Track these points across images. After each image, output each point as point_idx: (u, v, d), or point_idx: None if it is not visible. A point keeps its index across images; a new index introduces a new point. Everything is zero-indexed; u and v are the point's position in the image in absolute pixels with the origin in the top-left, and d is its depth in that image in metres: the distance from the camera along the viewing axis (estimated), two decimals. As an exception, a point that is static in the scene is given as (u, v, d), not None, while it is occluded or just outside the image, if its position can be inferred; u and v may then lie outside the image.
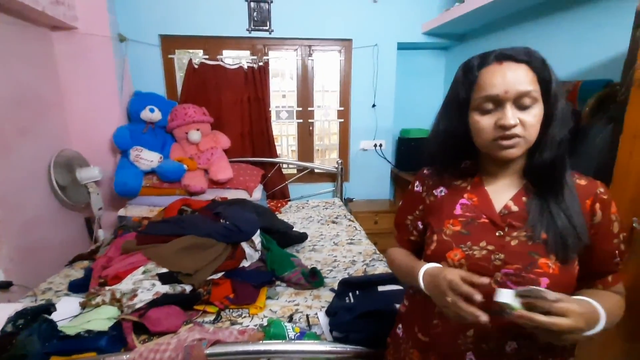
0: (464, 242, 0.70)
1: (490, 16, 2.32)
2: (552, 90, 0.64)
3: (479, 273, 0.64)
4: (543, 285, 0.63)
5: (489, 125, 0.65)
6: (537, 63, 0.64)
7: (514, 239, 0.68)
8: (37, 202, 2.01)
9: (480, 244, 0.69)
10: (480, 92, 0.66)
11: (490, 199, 0.72)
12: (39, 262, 1.95)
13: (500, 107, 0.64)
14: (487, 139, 0.66)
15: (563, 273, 0.65)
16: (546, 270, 0.64)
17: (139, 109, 2.44)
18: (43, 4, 1.90)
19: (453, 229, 0.73)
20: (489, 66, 0.66)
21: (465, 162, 0.79)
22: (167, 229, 1.56)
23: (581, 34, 1.76)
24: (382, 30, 2.73)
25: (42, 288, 1.56)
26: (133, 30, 2.50)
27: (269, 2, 2.59)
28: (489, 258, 0.67)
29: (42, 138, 2.07)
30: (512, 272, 0.66)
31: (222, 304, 1.37)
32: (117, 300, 1.16)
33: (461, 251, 0.69)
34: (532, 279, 0.64)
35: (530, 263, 0.65)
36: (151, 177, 2.41)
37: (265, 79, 2.70)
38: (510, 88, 0.62)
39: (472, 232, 0.71)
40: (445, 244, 0.72)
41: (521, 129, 0.63)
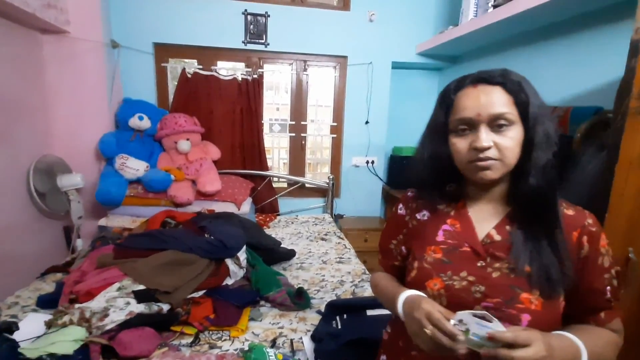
0: (445, 272, 0.67)
1: (483, 40, 2.36)
2: (530, 112, 0.61)
3: (459, 305, 0.62)
4: (524, 322, 0.60)
5: (464, 148, 0.65)
6: (512, 85, 0.62)
7: (495, 270, 0.65)
8: (12, 209, 1.91)
9: (461, 274, 0.66)
10: (456, 114, 0.66)
11: (473, 226, 0.70)
12: (9, 273, 1.83)
13: (475, 129, 0.63)
14: (463, 161, 0.65)
15: (546, 309, 0.61)
16: (528, 305, 0.61)
17: (128, 116, 2.38)
18: (34, 6, 1.86)
19: (434, 256, 0.70)
20: (464, 89, 0.66)
21: (450, 185, 0.76)
22: (147, 243, 1.48)
23: (573, 61, 1.79)
24: (377, 49, 2.76)
25: (8, 302, 1.46)
26: (127, 37, 2.47)
27: (266, 16, 2.60)
28: (469, 289, 0.64)
29: (21, 142, 1.99)
30: (492, 306, 0.62)
31: (202, 325, 1.29)
32: (86, 320, 1.08)
33: (441, 281, 0.66)
34: (513, 314, 0.61)
35: (511, 297, 0.62)
36: (136, 186, 2.33)
37: (259, 91, 2.67)
38: (482, 111, 0.62)
39: (454, 261, 0.68)
40: (425, 272, 0.69)
41: (495, 151, 0.61)
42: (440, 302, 0.65)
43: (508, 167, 0.63)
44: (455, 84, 0.68)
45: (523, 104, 0.62)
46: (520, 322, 0.60)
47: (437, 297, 0.66)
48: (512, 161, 0.63)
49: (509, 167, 0.63)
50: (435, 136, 0.71)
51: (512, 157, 0.62)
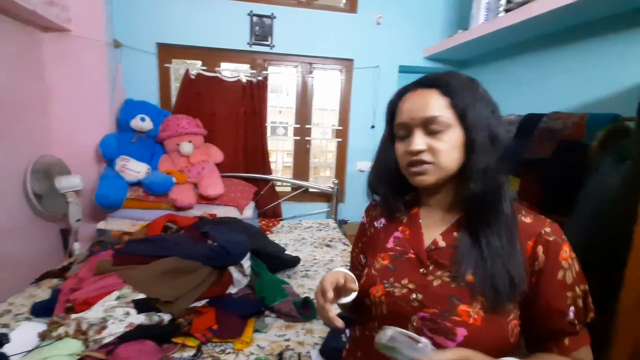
0: (387, 278, 0.65)
1: (493, 44, 2.32)
2: (469, 115, 0.59)
3: (398, 313, 0.61)
4: (459, 337, 0.55)
5: (402, 151, 0.64)
6: (448, 88, 0.60)
7: (437, 278, 0.61)
8: (7, 211, 1.84)
9: (402, 282, 0.63)
10: (396, 119, 0.66)
11: (421, 232, 0.67)
12: (2, 279, 1.76)
13: (411, 133, 0.62)
14: (403, 165, 0.65)
15: (487, 325, 0.56)
16: (465, 319, 0.56)
17: (129, 117, 2.32)
18: (34, 3, 1.81)
19: (382, 263, 0.68)
20: (407, 94, 0.65)
21: (411, 194, 0.74)
22: (148, 249, 1.42)
23: (588, 67, 1.75)
24: (384, 52, 2.72)
25: (0, 310, 1.38)
26: (130, 36, 2.42)
27: (272, 18, 2.56)
28: (408, 298, 0.61)
29: (19, 143, 1.93)
30: (428, 317, 0.58)
31: (204, 337, 1.23)
32: (83, 332, 1.01)
33: (383, 287, 0.64)
34: (448, 327, 0.56)
35: (449, 309, 0.57)
36: (137, 188, 2.27)
37: (263, 94, 2.63)
38: (415, 114, 0.61)
39: (398, 268, 0.66)
40: (371, 278, 0.67)
41: (429, 155, 0.60)
42: (381, 310, 0.63)
43: (445, 171, 0.61)
44: (400, 90, 0.68)
45: (460, 107, 0.59)
46: (455, 336, 0.55)
47: (379, 304, 0.64)
48: (449, 165, 0.60)
49: (446, 171, 0.61)
50: (385, 143, 0.71)
51: (448, 161, 0.60)
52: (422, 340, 0.52)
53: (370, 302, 0.65)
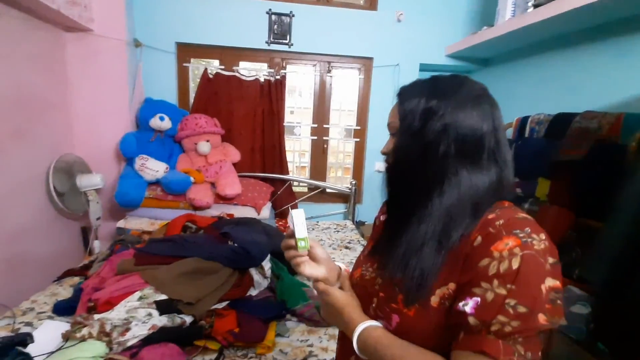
0: (366, 263, 0.70)
1: (519, 42, 2.24)
2: (402, 122, 0.61)
3: (365, 295, 0.65)
4: (394, 324, 0.58)
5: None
6: (399, 98, 0.63)
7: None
8: (30, 208, 1.86)
9: (373, 267, 0.67)
10: None
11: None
12: (25, 276, 1.78)
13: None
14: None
15: (419, 318, 0.54)
16: (400, 307, 0.57)
17: (149, 116, 2.33)
18: (58, 3, 1.82)
19: (367, 249, 0.74)
20: None
21: None
22: (169, 249, 1.40)
23: (623, 64, 1.66)
24: (404, 50, 2.66)
25: (23, 308, 1.39)
26: (149, 36, 2.43)
27: (291, 16, 2.53)
28: (373, 281, 0.65)
29: (41, 141, 1.95)
30: (378, 301, 0.62)
31: (226, 340, 1.20)
32: (107, 334, 0.99)
33: (360, 271, 0.69)
34: (387, 312, 0.59)
35: (391, 296, 0.59)
36: (155, 188, 2.27)
37: (281, 93, 2.60)
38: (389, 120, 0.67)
39: (375, 254, 0.70)
40: (357, 263, 0.73)
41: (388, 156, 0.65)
42: (358, 292, 0.67)
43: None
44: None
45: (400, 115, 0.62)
46: (392, 322, 0.57)
47: (356, 286, 0.68)
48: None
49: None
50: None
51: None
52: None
53: (352, 284, 0.69)
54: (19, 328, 1.24)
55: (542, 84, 2.17)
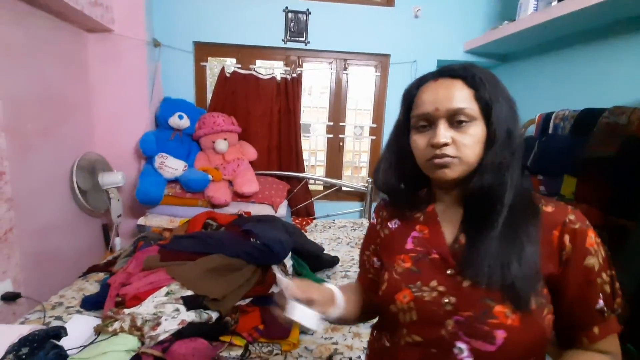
0: (414, 282, 0.61)
1: (542, 37, 2.18)
2: (493, 109, 0.56)
3: (429, 319, 0.57)
4: (499, 340, 0.52)
5: (422, 144, 0.60)
6: (474, 79, 0.57)
7: (466, 279, 0.57)
8: (55, 206, 1.90)
9: (431, 284, 0.59)
10: (415, 110, 0.62)
11: (442, 231, 0.63)
12: (52, 272, 1.82)
13: (434, 125, 0.59)
14: (422, 159, 0.61)
15: (526, 325, 0.53)
16: (503, 320, 0.53)
17: (168, 115, 2.36)
18: (82, 3, 1.86)
19: (403, 265, 0.64)
20: (426, 84, 0.62)
21: (422, 190, 0.71)
22: (194, 246, 1.41)
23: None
24: (421, 47, 2.62)
25: (53, 302, 1.42)
26: (167, 35, 2.45)
27: (307, 13, 2.52)
28: (439, 302, 0.57)
29: (66, 140, 1.99)
30: (463, 321, 0.55)
31: (251, 336, 1.20)
32: (138, 328, 1.01)
33: (410, 292, 0.60)
34: (486, 331, 0.53)
35: (484, 311, 0.54)
36: (174, 185, 2.30)
37: (297, 91, 2.60)
38: (440, 105, 0.57)
39: (423, 270, 0.61)
40: (394, 283, 0.63)
41: (453, 148, 0.57)
42: (410, 317, 0.59)
43: (468, 165, 0.58)
44: (418, 79, 0.65)
45: (484, 99, 0.57)
46: (495, 339, 0.52)
47: (407, 310, 0.59)
48: (472, 160, 0.57)
49: (469, 166, 0.58)
50: (399, 136, 0.67)
51: (472, 156, 0.57)
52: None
53: (396, 309, 0.60)
54: (49, 322, 1.27)
55: (564, 79, 2.12)
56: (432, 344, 0.57)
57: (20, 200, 1.61)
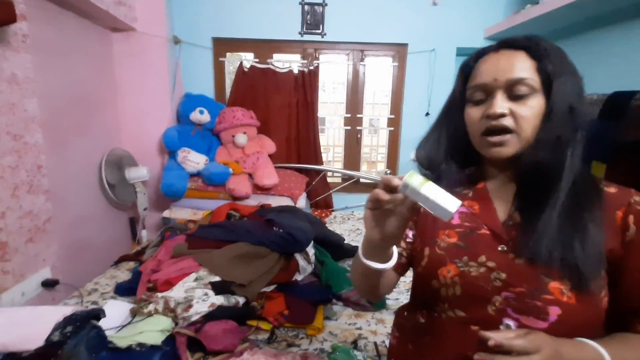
0: (460, 257, 0.59)
1: (569, 18, 2.11)
2: (555, 82, 0.53)
3: (475, 295, 0.55)
4: (552, 317, 0.51)
5: (477, 116, 0.58)
6: (538, 50, 0.55)
7: (519, 256, 0.55)
8: (86, 199, 1.99)
9: (479, 260, 0.57)
10: (472, 81, 0.60)
11: (494, 207, 0.61)
12: (85, 261, 1.91)
13: (491, 96, 0.56)
14: (476, 132, 0.59)
15: (582, 304, 0.51)
16: (559, 297, 0.51)
17: (189, 110, 2.41)
18: (107, 3, 1.92)
19: (448, 240, 0.62)
20: (486, 56, 0.60)
21: (470, 168, 0.68)
22: (220, 234, 1.45)
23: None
24: (440, 35, 2.58)
25: (89, 289, 1.50)
26: (187, 32, 2.51)
27: (324, 5, 2.52)
28: (487, 277, 0.56)
29: (95, 136, 2.08)
30: (513, 297, 0.53)
31: (277, 321, 1.24)
32: (172, 310, 1.05)
33: (455, 267, 0.58)
34: (539, 307, 0.51)
35: (538, 287, 0.52)
36: (196, 179, 2.36)
37: (315, 84, 2.61)
38: (500, 75, 0.55)
39: (470, 245, 0.59)
40: (438, 258, 0.61)
41: (512, 120, 0.54)
42: (454, 292, 0.57)
43: (525, 141, 0.55)
44: (477, 52, 0.62)
45: (547, 71, 0.54)
46: (548, 316, 0.51)
47: (451, 285, 0.57)
48: (530, 134, 0.55)
49: (526, 142, 0.55)
50: (452, 110, 0.64)
51: (530, 130, 0.54)
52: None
53: (439, 284, 0.59)
54: (87, 306, 1.34)
55: (592, 63, 2.04)
56: (475, 321, 0.55)
57: (57, 193, 1.69)
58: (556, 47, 0.57)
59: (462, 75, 0.64)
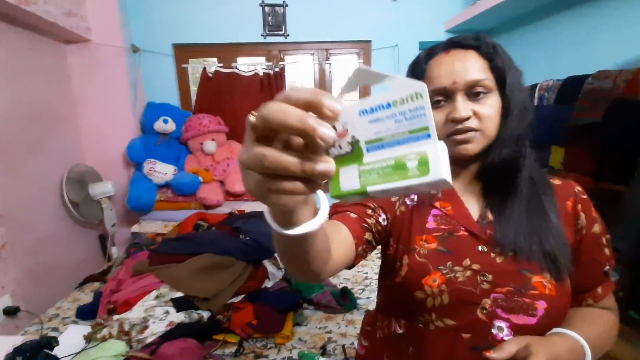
0: (444, 263, 0.56)
1: (522, 7, 2.15)
2: (508, 78, 0.55)
3: (464, 300, 0.54)
4: (540, 311, 0.52)
5: (440, 121, 0.57)
6: (487, 49, 0.56)
7: (499, 254, 0.56)
8: (48, 220, 1.91)
9: (464, 263, 0.56)
10: (429, 85, 0.58)
11: (465, 207, 0.60)
12: (50, 285, 1.83)
13: (451, 99, 0.56)
14: (441, 135, 0.57)
15: (560, 293, 0.54)
16: (542, 290, 0.53)
17: (153, 120, 2.35)
18: (55, 15, 1.84)
19: (428, 246, 0.58)
20: (436, 57, 0.59)
21: None
22: (182, 247, 1.41)
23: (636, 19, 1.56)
24: (402, 30, 2.59)
25: (50, 314, 1.44)
26: (146, 40, 2.44)
27: (284, 6, 2.49)
28: (474, 280, 0.54)
29: (54, 153, 1.99)
30: (502, 297, 0.53)
31: (244, 332, 1.21)
32: (126, 333, 1.01)
33: (441, 274, 0.56)
34: (527, 303, 0.52)
35: (524, 284, 0.53)
36: (165, 190, 2.30)
37: (282, 85, 2.58)
38: (458, 78, 0.55)
39: (453, 249, 0.57)
40: (420, 267, 0.57)
41: (476, 121, 0.55)
42: (442, 301, 0.55)
43: (489, 138, 0.56)
44: (426, 52, 0.62)
45: (499, 69, 0.56)
46: (536, 311, 0.52)
47: (438, 294, 0.55)
48: (493, 132, 0.56)
49: (489, 139, 0.56)
50: None
51: (493, 128, 0.56)
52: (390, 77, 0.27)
53: (424, 295, 0.55)
54: (46, 333, 1.28)
55: (547, 49, 2.09)
56: (466, 328, 0.54)
57: (12, 216, 1.61)
58: (498, 45, 0.58)
59: (413, 76, 0.61)
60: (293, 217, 0.33)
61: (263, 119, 0.24)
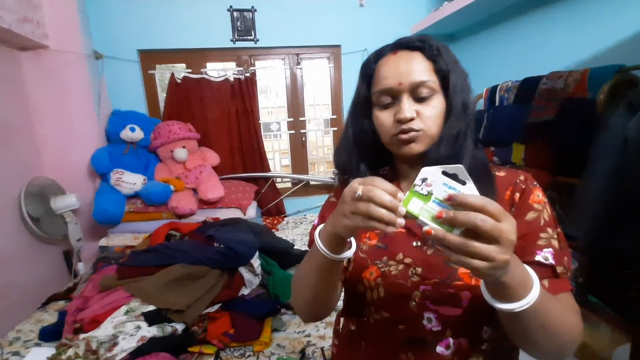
0: (380, 258, 0.61)
1: (480, 14, 2.26)
2: (451, 80, 0.58)
3: (397, 293, 0.57)
4: (465, 302, 0.54)
5: (388, 121, 0.59)
6: (432, 50, 0.58)
7: (429, 247, 0.59)
8: (5, 237, 1.79)
9: (397, 258, 0.60)
10: (377, 86, 0.60)
11: None
12: (9, 306, 1.71)
13: (397, 100, 0.58)
14: (388, 135, 0.60)
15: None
16: (468, 281, 0.54)
17: (119, 129, 2.26)
18: (9, 21, 1.74)
19: (369, 243, 0.63)
20: (384, 57, 0.61)
21: (384, 168, 0.70)
22: (152, 259, 1.37)
23: (584, 21, 1.69)
24: (370, 34, 2.64)
25: (10, 338, 1.34)
26: (110, 46, 2.35)
27: (253, 11, 2.49)
28: (406, 274, 0.58)
29: (9, 167, 1.87)
30: (429, 289, 0.56)
31: (221, 342, 1.19)
32: (93, 352, 0.96)
33: (377, 268, 0.60)
34: (452, 294, 0.54)
35: (449, 275, 0.55)
36: (135, 201, 2.21)
37: (253, 91, 2.56)
38: (403, 79, 0.57)
39: (389, 245, 0.62)
40: (361, 262, 0.62)
41: (419, 122, 0.57)
42: (378, 294, 0.59)
43: (431, 138, 0.59)
44: (375, 52, 0.64)
45: (443, 71, 0.58)
46: (461, 301, 0.54)
47: (375, 287, 0.59)
48: (435, 132, 0.59)
49: (432, 139, 0.59)
50: (359, 112, 0.65)
51: (436, 128, 0.58)
52: (468, 178, 0.43)
53: (364, 288, 0.60)
54: (7, 358, 1.20)
55: (507, 52, 2.20)
56: (400, 320, 0.57)
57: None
58: (443, 46, 0.60)
59: (364, 78, 0.64)
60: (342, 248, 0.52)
61: (363, 212, 0.46)
